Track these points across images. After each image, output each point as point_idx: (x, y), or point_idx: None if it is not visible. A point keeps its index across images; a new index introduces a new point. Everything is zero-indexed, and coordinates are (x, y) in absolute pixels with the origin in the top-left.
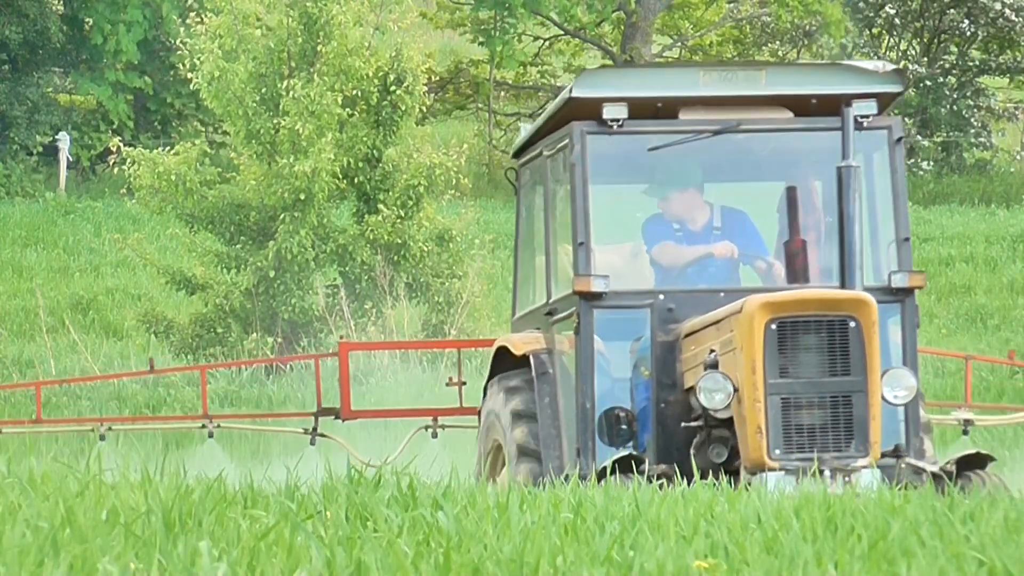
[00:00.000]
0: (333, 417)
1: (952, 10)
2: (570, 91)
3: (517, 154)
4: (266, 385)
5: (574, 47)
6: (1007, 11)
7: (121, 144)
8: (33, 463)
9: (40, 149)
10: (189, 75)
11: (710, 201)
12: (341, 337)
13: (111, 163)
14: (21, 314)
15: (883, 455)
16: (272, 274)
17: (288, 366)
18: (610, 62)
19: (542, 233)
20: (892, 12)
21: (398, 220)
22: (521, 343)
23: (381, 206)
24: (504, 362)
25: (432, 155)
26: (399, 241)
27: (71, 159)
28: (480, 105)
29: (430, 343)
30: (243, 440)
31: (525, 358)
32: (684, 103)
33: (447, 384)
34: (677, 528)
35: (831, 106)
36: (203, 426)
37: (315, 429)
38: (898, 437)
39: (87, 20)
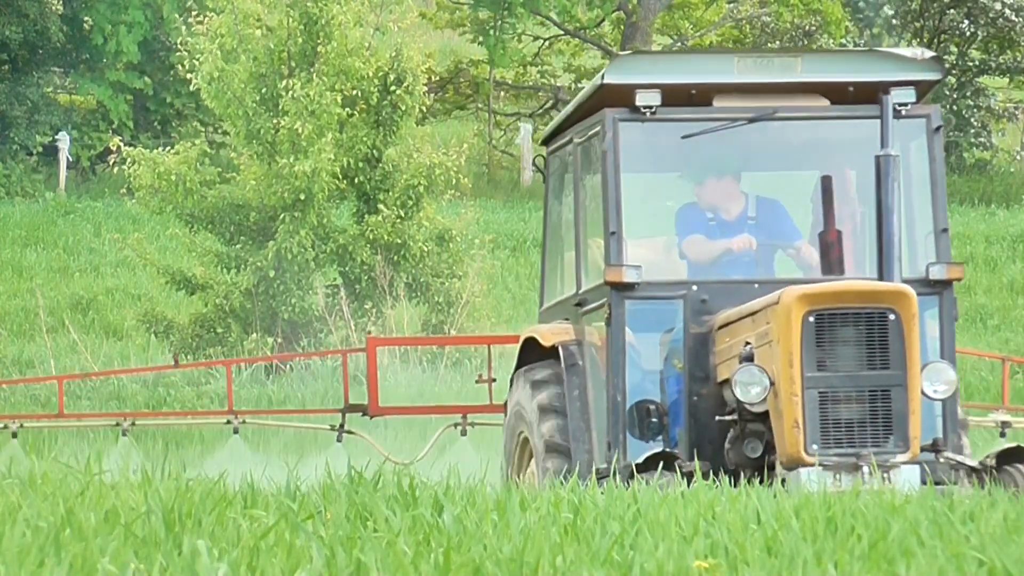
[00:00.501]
0: (360, 414)
1: (952, 10)
2: (602, 77)
3: (546, 142)
4: (266, 385)
5: (574, 47)
6: (1007, 11)
7: (121, 144)
8: (34, 461)
9: (40, 149)
10: (189, 75)
11: (745, 190)
12: (368, 332)
13: (111, 163)
14: (21, 314)
15: (921, 450)
16: (272, 274)
17: (288, 366)
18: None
19: (571, 222)
20: (892, 12)
21: (398, 220)
22: (550, 334)
23: (381, 206)
24: (531, 354)
25: (432, 155)
26: (399, 241)
27: (71, 159)
28: (480, 105)
29: (459, 339)
30: (265, 437)
31: (553, 350)
32: (719, 90)
33: (476, 381)
34: (677, 528)
35: (868, 94)
36: (228, 422)
37: (342, 426)
38: (935, 432)
39: (87, 20)
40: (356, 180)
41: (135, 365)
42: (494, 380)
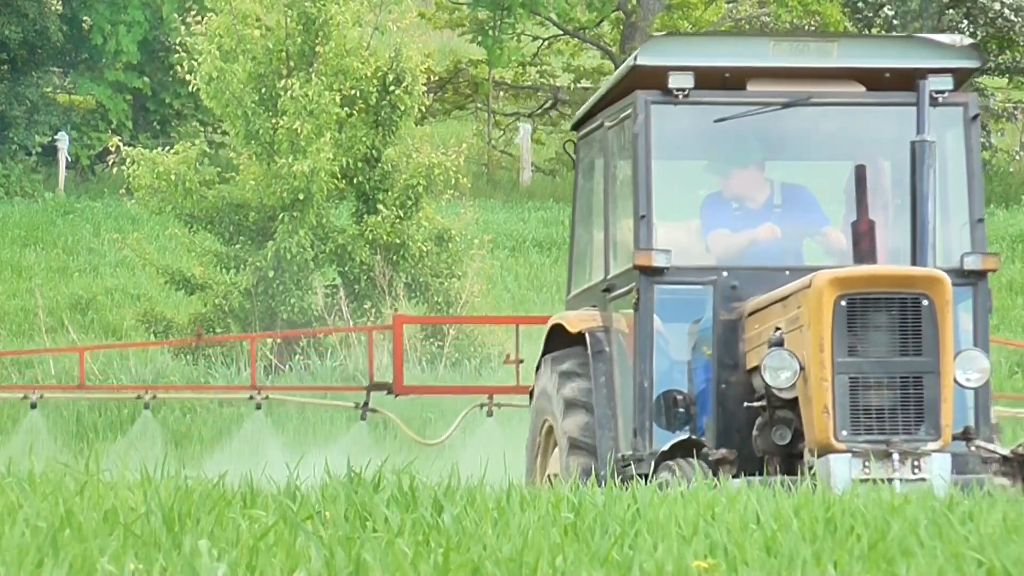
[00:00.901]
0: (385, 392)
1: (951, 10)
2: (635, 58)
3: (576, 126)
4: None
5: (573, 47)
6: (1006, 11)
7: (120, 144)
8: (31, 460)
9: (39, 149)
10: (188, 75)
11: (771, 178)
12: (395, 310)
13: (110, 163)
14: (20, 314)
15: (952, 438)
16: (271, 274)
17: (287, 366)
18: (609, 61)
19: (600, 208)
20: (891, 13)
21: (397, 220)
22: (577, 320)
23: (380, 206)
24: (558, 340)
25: (431, 155)
26: (398, 241)
27: (70, 159)
28: (479, 105)
29: (487, 319)
30: (288, 415)
31: (580, 336)
32: (753, 74)
33: (504, 362)
34: (677, 528)
35: (905, 80)
36: (251, 397)
37: (366, 404)
38: (966, 421)
39: (86, 20)
40: (355, 180)
41: (133, 365)
42: (521, 361)
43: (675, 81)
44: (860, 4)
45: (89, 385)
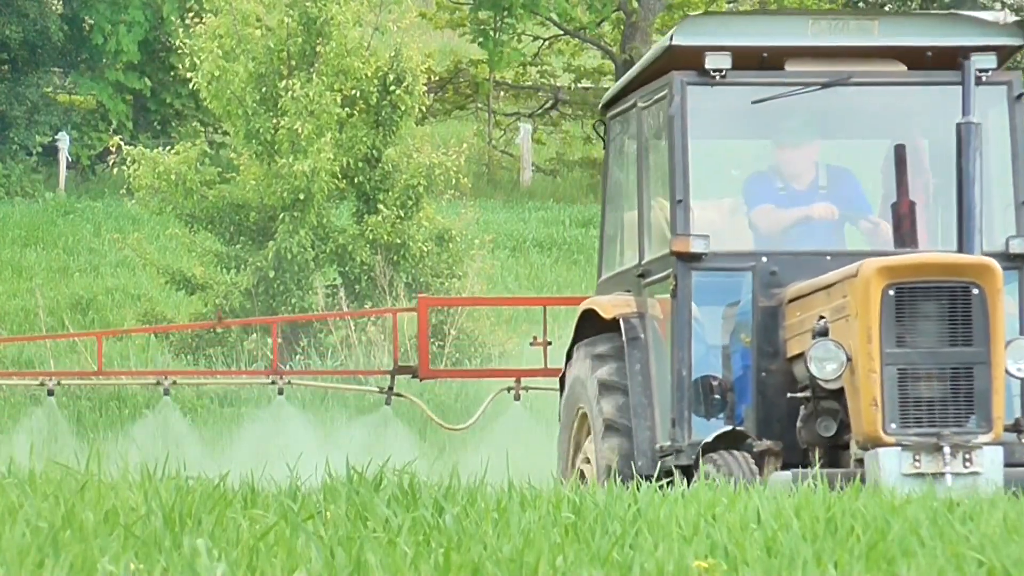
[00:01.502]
0: (410, 376)
1: (952, 10)
2: (670, 38)
3: (606, 107)
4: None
5: (573, 47)
6: (1007, 11)
7: (121, 144)
8: (30, 459)
9: (40, 149)
10: (189, 75)
11: (816, 160)
12: (420, 293)
13: (111, 163)
14: (20, 314)
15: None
16: (272, 274)
17: (287, 366)
18: (610, 61)
19: (632, 190)
20: (892, 12)
21: (398, 220)
22: (610, 306)
23: (381, 206)
24: (590, 326)
25: (432, 155)
26: (399, 241)
27: (71, 159)
28: (480, 105)
29: (515, 300)
30: (310, 399)
31: (613, 322)
32: (791, 53)
33: (531, 344)
34: (677, 528)
35: (947, 59)
36: (273, 382)
37: (391, 388)
38: (1015, 412)
39: (87, 20)
40: (356, 180)
41: (134, 365)
42: (549, 343)
43: (712, 61)
44: (861, 4)
45: (107, 370)
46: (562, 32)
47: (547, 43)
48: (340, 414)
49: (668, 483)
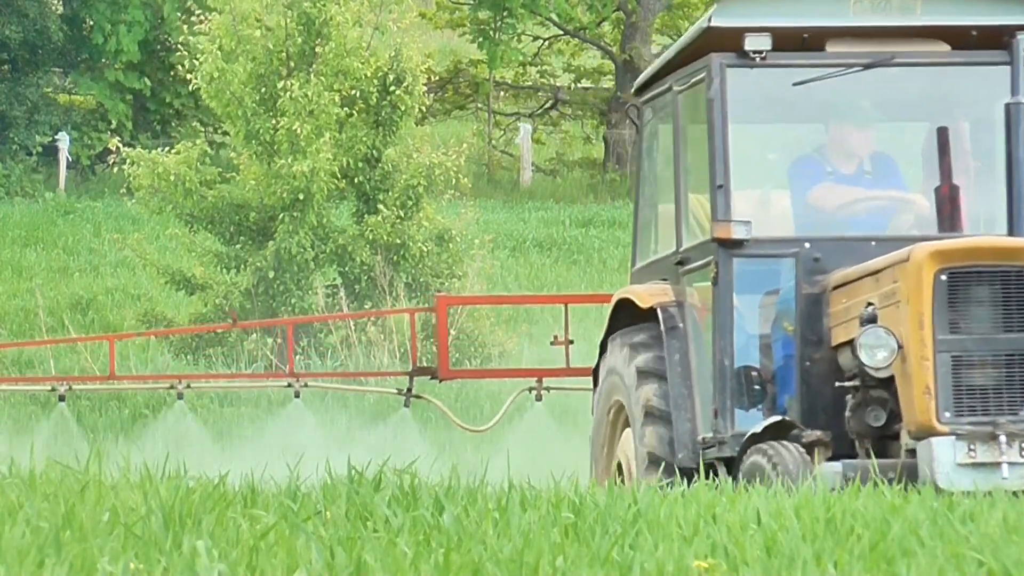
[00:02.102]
0: (429, 377)
1: None
2: (708, 19)
3: (640, 90)
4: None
5: (574, 47)
6: None
7: (120, 144)
8: (26, 453)
9: (40, 149)
10: (188, 75)
11: (872, 143)
12: (437, 291)
13: (111, 163)
14: (20, 314)
15: None
16: (271, 274)
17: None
18: (610, 61)
19: (667, 176)
20: None
21: (397, 220)
22: (647, 295)
23: (380, 206)
24: (624, 317)
25: (431, 155)
26: (398, 241)
27: (71, 159)
28: (480, 105)
29: (534, 298)
30: (326, 402)
31: (650, 312)
32: (832, 34)
33: (552, 343)
34: (677, 528)
35: (992, 39)
36: (289, 385)
37: (409, 390)
38: None
39: (87, 20)
40: (355, 180)
41: (135, 365)
42: (571, 342)
43: (751, 43)
44: None
45: (120, 375)
46: (562, 32)
47: (547, 43)
48: (356, 418)
49: (713, 478)
